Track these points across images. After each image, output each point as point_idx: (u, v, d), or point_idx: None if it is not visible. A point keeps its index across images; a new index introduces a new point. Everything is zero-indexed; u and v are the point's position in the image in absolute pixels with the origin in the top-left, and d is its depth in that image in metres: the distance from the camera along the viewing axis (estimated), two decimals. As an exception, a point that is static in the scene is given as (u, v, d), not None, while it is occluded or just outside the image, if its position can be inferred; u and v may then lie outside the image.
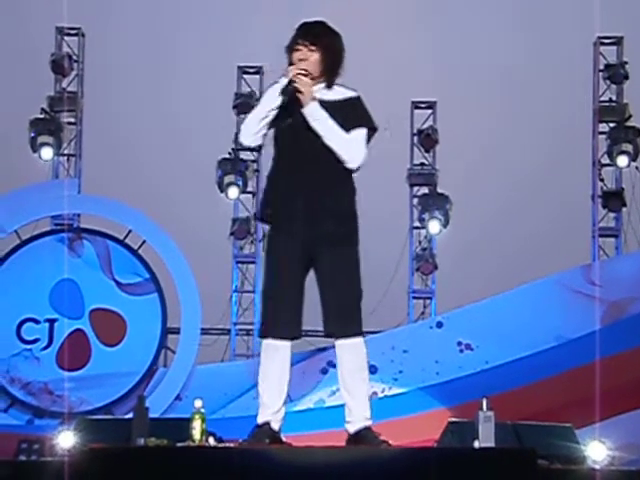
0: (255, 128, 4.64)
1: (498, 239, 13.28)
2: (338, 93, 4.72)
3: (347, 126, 4.64)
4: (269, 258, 4.75)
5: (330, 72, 4.67)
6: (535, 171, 13.20)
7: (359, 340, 4.69)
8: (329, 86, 4.70)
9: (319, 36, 4.64)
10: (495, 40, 13.70)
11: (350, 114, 4.65)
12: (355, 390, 4.68)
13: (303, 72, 4.60)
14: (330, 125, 4.60)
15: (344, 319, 4.67)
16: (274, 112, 4.61)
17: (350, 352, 4.67)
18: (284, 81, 4.63)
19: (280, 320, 4.68)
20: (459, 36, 13.86)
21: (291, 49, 4.67)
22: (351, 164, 4.65)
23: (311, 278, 4.79)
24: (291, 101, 4.62)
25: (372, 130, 4.71)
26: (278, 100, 4.60)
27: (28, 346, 12.12)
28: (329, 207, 4.62)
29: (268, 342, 4.70)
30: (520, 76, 13.69)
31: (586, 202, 12.99)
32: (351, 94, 4.73)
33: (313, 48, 4.63)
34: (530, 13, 13.80)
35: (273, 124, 4.67)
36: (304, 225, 4.62)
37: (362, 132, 4.67)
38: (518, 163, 13.32)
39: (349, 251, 4.69)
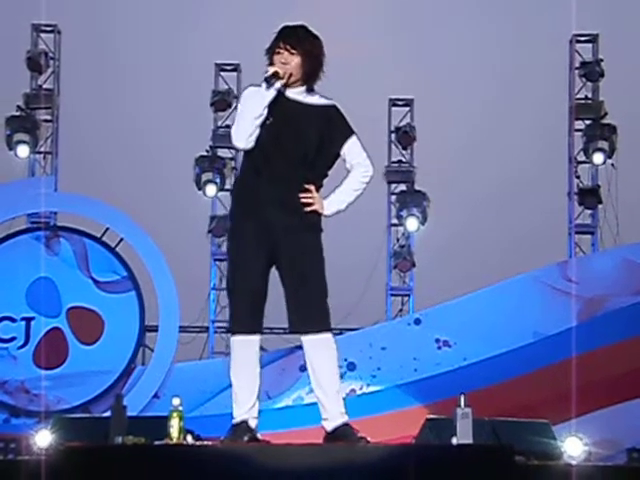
0: (250, 129, 4.67)
1: (475, 236, 13.32)
2: (317, 98, 4.81)
3: (340, 136, 4.77)
4: (234, 247, 4.75)
5: (310, 76, 4.77)
6: (512, 168, 13.25)
7: (327, 336, 4.69)
8: (309, 90, 4.79)
9: (300, 41, 4.73)
10: (472, 38, 13.73)
11: (340, 123, 4.78)
12: (327, 386, 4.67)
13: (278, 73, 4.69)
14: (348, 199, 4.80)
15: (310, 314, 4.66)
16: (266, 111, 4.67)
17: (318, 348, 4.67)
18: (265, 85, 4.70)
19: (250, 314, 4.69)
20: (436, 34, 13.89)
21: (272, 52, 4.76)
22: (370, 173, 4.85)
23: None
24: (272, 101, 4.71)
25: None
26: (270, 96, 4.66)
27: (4, 345, 12.06)
28: (296, 197, 4.68)
29: (239, 338, 4.70)
30: (497, 74, 13.73)
31: (562, 199, 13.04)
32: (330, 102, 4.84)
33: (294, 52, 4.72)
34: (506, 11, 13.84)
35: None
36: (271, 212, 4.66)
37: (356, 140, 4.82)
38: (495, 160, 13.36)
39: (314, 241, 4.72)
